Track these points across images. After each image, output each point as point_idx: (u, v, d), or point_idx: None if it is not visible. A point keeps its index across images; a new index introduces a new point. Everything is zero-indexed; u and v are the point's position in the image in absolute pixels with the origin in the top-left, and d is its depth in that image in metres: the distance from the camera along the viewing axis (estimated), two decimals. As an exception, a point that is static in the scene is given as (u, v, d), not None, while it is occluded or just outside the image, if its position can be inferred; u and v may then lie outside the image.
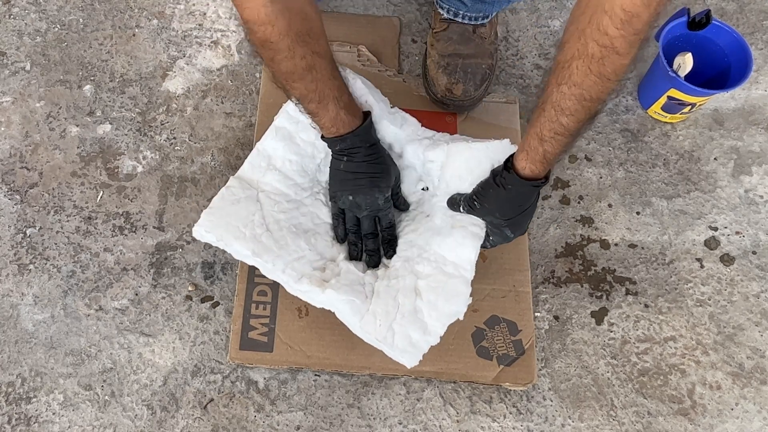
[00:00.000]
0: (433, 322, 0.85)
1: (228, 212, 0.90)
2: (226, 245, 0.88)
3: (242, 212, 0.90)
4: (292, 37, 0.76)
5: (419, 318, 0.85)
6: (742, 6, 1.29)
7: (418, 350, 0.84)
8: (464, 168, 0.91)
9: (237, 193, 0.92)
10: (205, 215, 0.89)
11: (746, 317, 1.03)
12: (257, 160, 0.95)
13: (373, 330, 0.84)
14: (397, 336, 0.84)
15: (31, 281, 1.01)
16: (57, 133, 1.12)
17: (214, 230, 0.88)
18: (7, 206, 1.06)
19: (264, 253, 0.88)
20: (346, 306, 0.85)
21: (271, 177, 0.95)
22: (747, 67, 1.07)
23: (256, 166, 0.95)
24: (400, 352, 0.83)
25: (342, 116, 0.87)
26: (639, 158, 1.14)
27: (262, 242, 0.88)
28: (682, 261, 1.06)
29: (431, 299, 0.86)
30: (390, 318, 0.85)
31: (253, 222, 0.90)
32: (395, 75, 1.17)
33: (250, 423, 0.93)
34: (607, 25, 0.63)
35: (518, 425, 0.95)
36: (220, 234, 0.88)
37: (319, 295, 0.87)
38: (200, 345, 0.97)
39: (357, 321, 0.85)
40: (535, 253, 1.06)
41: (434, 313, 0.86)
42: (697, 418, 0.96)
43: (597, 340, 1.00)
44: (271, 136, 0.97)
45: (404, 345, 0.83)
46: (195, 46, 1.20)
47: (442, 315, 0.86)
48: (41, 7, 1.22)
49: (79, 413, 0.93)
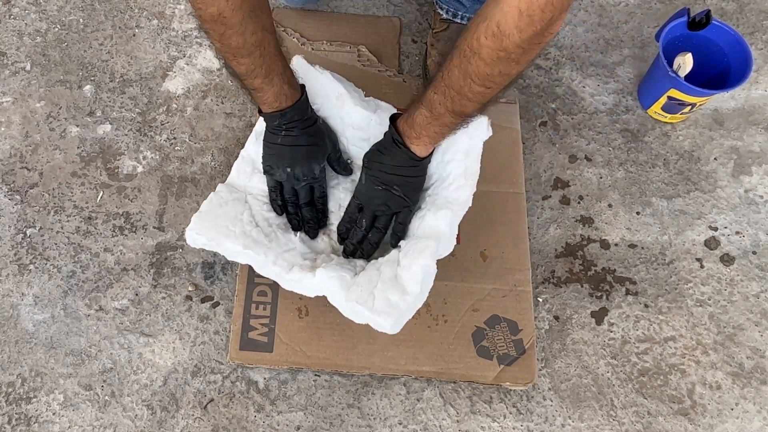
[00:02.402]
0: (408, 282, 0.85)
1: (217, 214, 0.91)
2: (218, 245, 0.89)
3: (231, 213, 0.91)
4: (245, 12, 0.76)
5: (399, 282, 0.85)
6: (742, 6, 1.29)
7: (397, 310, 0.83)
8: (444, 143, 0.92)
9: (225, 196, 0.93)
10: (195, 219, 0.90)
11: (746, 317, 1.02)
12: (242, 166, 0.97)
13: (354, 297, 0.84)
14: (377, 300, 0.83)
15: (31, 281, 1.01)
16: (57, 133, 1.12)
17: (204, 232, 0.89)
18: (7, 206, 1.06)
19: (254, 246, 0.89)
20: (336, 282, 0.85)
21: (257, 180, 0.96)
22: (747, 67, 1.07)
23: (242, 172, 0.97)
24: (379, 313, 0.82)
25: (285, 90, 0.88)
26: (639, 158, 1.14)
27: (252, 236, 0.90)
28: (682, 261, 1.06)
29: (406, 263, 0.86)
30: (372, 285, 0.85)
31: (242, 220, 0.91)
32: (395, 75, 1.17)
33: (250, 423, 0.93)
34: (481, 32, 0.68)
35: (518, 425, 0.95)
36: (211, 235, 0.89)
37: (310, 280, 0.87)
38: (200, 345, 0.97)
39: (343, 295, 0.85)
40: (535, 253, 1.06)
41: (408, 273, 0.85)
42: (697, 418, 0.96)
43: (597, 340, 1.00)
44: (252, 141, 0.98)
45: (383, 307, 0.83)
46: (195, 47, 1.20)
47: (415, 273, 0.85)
48: (41, 8, 1.22)
49: (79, 413, 0.93)
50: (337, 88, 0.98)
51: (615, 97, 1.19)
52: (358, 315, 0.85)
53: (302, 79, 0.96)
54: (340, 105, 0.98)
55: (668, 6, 1.28)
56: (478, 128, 0.91)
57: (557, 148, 1.14)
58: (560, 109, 1.18)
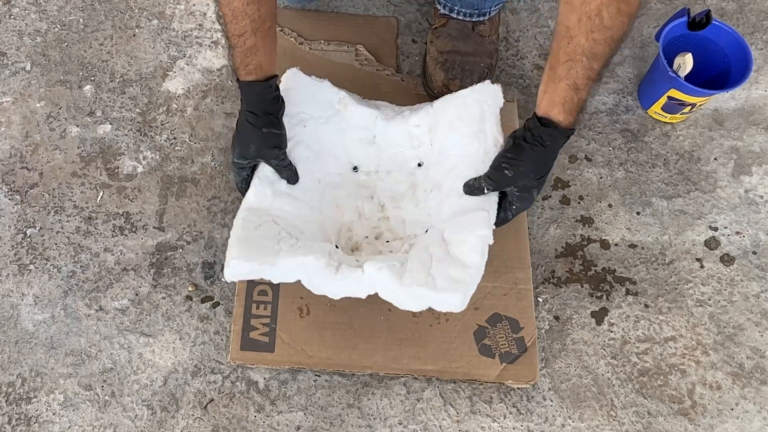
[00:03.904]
0: (467, 255, 0.83)
1: (255, 236, 0.85)
2: (271, 266, 0.83)
3: (269, 233, 0.86)
4: None
5: (455, 258, 0.83)
6: (742, 6, 1.29)
7: (462, 284, 0.81)
8: (455, 116, 0.92)
9: (254, 220, 0.87)
10: (235, 246, 0.83)
11: (746, 317, 1.03)
12: (261, 189, 0.91)
13: (412, 281, 0.81)
14: (437, 279, 0.81)
15: (31, 281, 1.01)
16: (57, 133, 1.12)
17: (252, 257, 0.82)
18: (7, 206, 1.06)
19: (307, 254, 0.83)
20: (386, 272, 0.82)
21: (279, 203, 0.91)
22: (747, 67, 1.07)
23: (261, 195, 0.90)
24: (445, 291, 0.80)
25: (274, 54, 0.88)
26: (639, 158, 1.14)
27: (301, 247, 0.85)
28: (682, 261, 1.06)
29: (458, 239, 0.84)
30: (426, 267, 0.82)
31: (282, 238, 0.86)
32: (393, 74, 1.17)
33: (250, 423, 0.93)
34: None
35: (518, 425, 0.95)
36: (261, 258, 0.82)
37: (361, 277, 0.83)
38: (200, 345, 0.97)
39: (398, 283, 0.82)
40: (535, 253, 1.06)
41: (464, 247, 0.83)
42: (697, 418, 0.96)
43: (597, 340, 1.00)
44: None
45: (447, 284, 0.80)
46: (195, 47, 1.20)
47: (474, 244, 0.83)
48: (41, 8, 1.22)
49: (79, 413, 0.93)
50: (337, 93, 0.98)
51: (615, 97, 1.19)
52: (420, 299, 0.82)
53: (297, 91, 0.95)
54: (344, 108, 0.98)
55: (668, 6, 1.29)
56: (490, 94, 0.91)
57: (557, 148, 1.15)
58: (560, 109, 1.18)
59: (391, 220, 0.97)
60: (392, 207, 0.98)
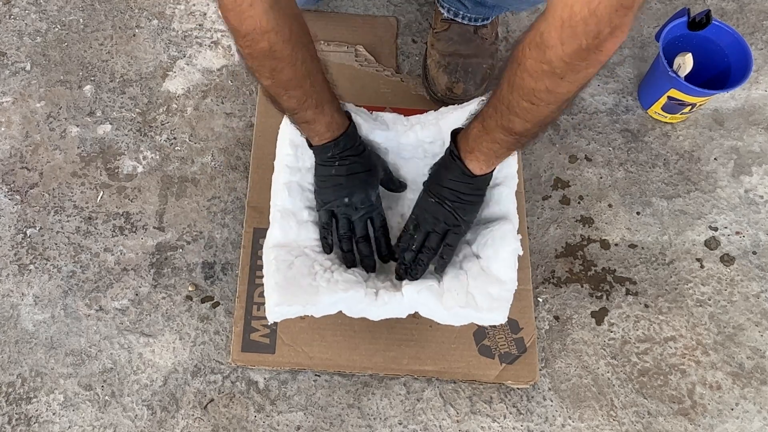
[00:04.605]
0: (502, 271, 0.84)
1: (291, 277, 0.84)
2: (315, 305, 0.83)
3: (303, 270, 0.85)
4: (294, 42, 0.74)
5: (491, 274, 0.84)
6: (742, 6, 1.29)
7: (503, 302, 0.83)
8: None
9: (286, 258, 0.86)
10: (275, 293, 0.83)
11: (746, 317, 1.03)
12: (285, 223, 0.89)
13: (454, 302, 0.82)
14: (477, 298, 0.82)
15: (31, 281, 1.01)
16: (57, 133, 1.12)
17: (294, 300, 0.82)
18: (7, 206, 1.06)
19: (347, 288, 0.84)
20: (426, 293, 0.83)
21: (305, 233, 0.90)
22: (747, 67, 1.07)
23: (286, 229, 0.89)
24: (487, 311, 0.82)
25: (336, 118, 0.85)
26: (639, 158, 1.14)
27: (339, 280, 0.85)
28: (682, 261, 1.06)
29: (490, 254, 0.85)
30: (464, 285, 0.84)
31: (317, 272, 0.85)
32: (393, 74, 1.17)
33: (250, 423, 0.93)
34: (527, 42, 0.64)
35: (518, 425, 0.95)
36: (303, 299, 0.82)
37: (399, 300, 0.84)
38: (200, 345, 0.97)
39: (439, 302, 0.83)
40: (535, 253, 1.06)
41: (497, 263, 0.84)
42: (697, 418, 0.96)
43: (597, 340, 1.01)
44: (283, 195, 0.91)
45: (488, 302, 0.82)
46: (195, 47, 1.20)
47: (506, 259, 0.84)
48: (41, 8, 1.22)
49: (79, 413, 0.93)
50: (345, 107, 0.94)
51: (615, 97, 1.19)
52: (463, 318, 0.84)
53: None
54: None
55: (668, 6, 1.29)
56: None
57: (557, 148, 1.14)
58: (560, 109, 1.18)
59: None
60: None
